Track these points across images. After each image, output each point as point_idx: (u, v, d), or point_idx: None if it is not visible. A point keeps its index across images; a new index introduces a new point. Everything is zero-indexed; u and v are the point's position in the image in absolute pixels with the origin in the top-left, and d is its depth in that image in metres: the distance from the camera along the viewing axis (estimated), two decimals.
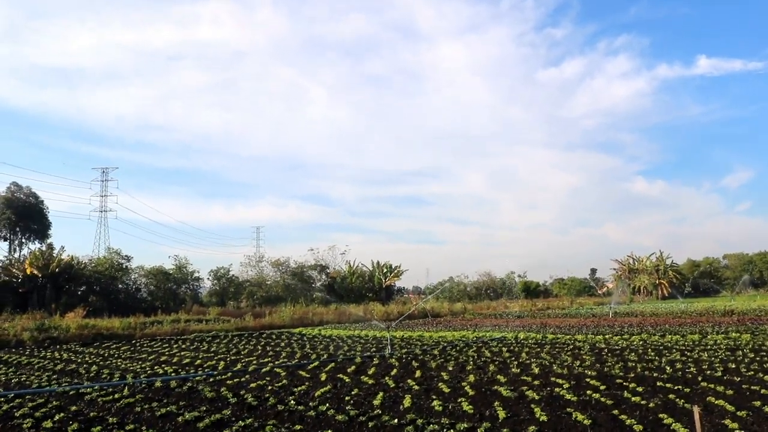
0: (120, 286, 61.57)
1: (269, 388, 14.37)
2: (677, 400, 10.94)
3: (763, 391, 11.45)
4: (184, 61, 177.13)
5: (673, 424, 8.90)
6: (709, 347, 19.54)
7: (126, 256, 63.36)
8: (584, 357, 18.19)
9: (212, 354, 23.42)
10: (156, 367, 19.17)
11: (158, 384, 15.30)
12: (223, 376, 16.66)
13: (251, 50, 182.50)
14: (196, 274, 69.67)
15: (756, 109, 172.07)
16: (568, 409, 10.49)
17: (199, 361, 20.66)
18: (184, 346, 27.94)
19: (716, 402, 10.53)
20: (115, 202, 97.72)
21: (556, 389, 12.57)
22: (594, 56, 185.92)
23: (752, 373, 13.75)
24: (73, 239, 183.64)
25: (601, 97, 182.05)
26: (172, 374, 17.49)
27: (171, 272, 66.32)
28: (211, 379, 16.22)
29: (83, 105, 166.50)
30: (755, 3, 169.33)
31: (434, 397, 12.27)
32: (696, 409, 8.82)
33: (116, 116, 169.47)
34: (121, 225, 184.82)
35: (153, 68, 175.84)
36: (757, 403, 10.27)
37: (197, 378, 16.54)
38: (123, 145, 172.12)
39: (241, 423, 10.19)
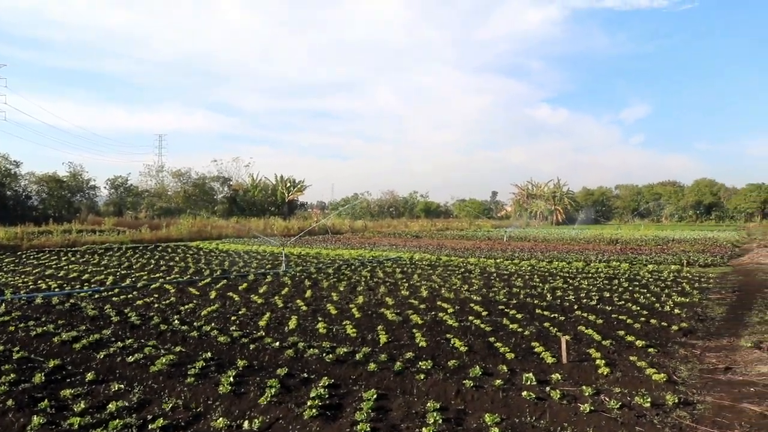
0: (8, 192, 58.27)
1: (156, 306, 14.13)
2: (551, 328, 11.48)
3: (628, 320, 12.17)
4: None
5: (543, 353, 9.34)
6: (590, 275, 20.57)
7: (15, 161, 59.82)
8: (473, 281, 18.80)
9: (102, 268, 22.74)
10: (40, 282, 18.46)
11: (39, 300, 14.71)
12: (110, 293, 16.22)
13: None
14: (92, 182, 67.07)
15: (657, 45, 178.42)
16: (448, 335, 10.83)
17: (87, 276, 20.02)
18: (73, 258, 27.00)
19: (586, 331, 11.11)
20: (3, 103, 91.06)
21: (440, 314, 12.95)
22: None
23: (622, 302, 14.58)
24: None
25: (514, 22, 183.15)
26: (56, 289, 16.90)
27: (65, 180, 63.33)
28: (97, 296, 15.76)
29: None
30: None
31: (320, 319, 12.40)
32: (563, 339, 9.33)
33: (6, 8, 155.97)
34: (11, 128, 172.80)
35: None
36: (621, 333, 10.93)
37: (82, 294, 16.03)
38: (14, 40, 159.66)
39: (120, 344, 9.95)
